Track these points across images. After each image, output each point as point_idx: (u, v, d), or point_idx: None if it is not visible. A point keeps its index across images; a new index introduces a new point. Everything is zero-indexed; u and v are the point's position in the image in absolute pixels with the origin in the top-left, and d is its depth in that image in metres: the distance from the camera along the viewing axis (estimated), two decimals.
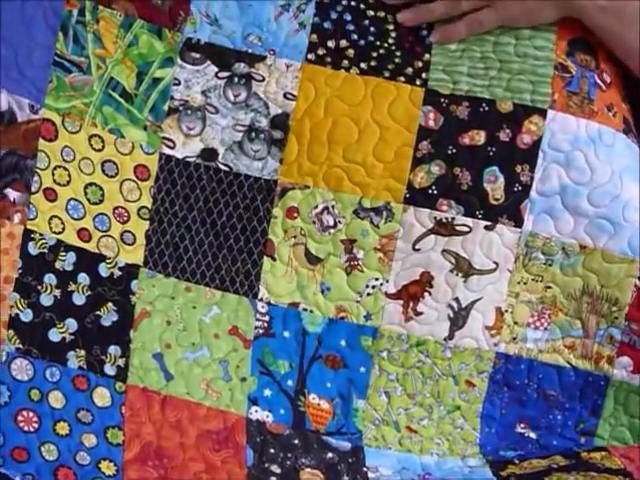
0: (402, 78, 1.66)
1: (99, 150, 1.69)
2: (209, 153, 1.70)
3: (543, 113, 1.63)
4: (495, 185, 1.65)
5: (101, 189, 1.69)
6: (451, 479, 1.68)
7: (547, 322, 1.69)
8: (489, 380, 1.70)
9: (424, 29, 1.67)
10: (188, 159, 1.69)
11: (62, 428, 1.67)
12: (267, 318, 1.70)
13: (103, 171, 1.68)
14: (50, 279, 1.68)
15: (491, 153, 1.65)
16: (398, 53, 1.67)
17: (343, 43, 1.67)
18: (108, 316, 1.68)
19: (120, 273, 1.69)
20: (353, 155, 1.66)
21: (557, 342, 1.69)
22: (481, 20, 1.66)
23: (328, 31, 1.68)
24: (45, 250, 1.69)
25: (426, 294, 1.68)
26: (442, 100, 1.66)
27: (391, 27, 1.68)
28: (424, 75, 1.67)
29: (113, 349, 1.68)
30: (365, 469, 1.68)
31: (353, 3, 1.67)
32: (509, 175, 1.65)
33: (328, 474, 1.68)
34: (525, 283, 1.68)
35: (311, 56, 1.68)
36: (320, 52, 1.68)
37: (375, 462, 1.69)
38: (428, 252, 1.68)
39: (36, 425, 1.68)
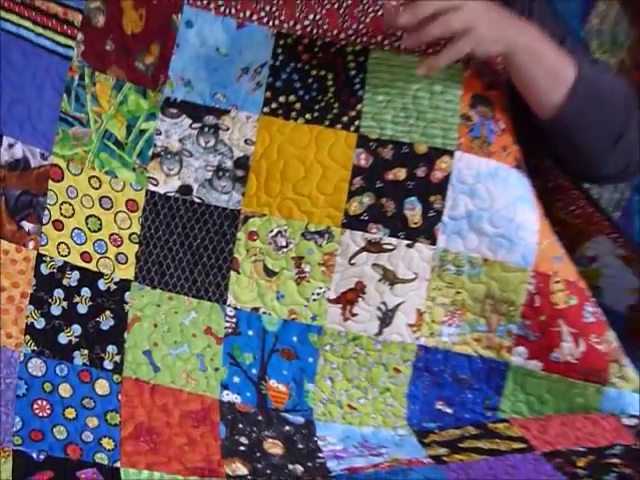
0: (339, 126, 1.70)
1: (97, 188, 1.72)
2: (185, 189, 1.73)
3: (451, 154, 1.67)
4: (414, 212, 1.68)
5: (99, 219, 1.72)
6: (385, 445, 1.70)
7: (458, 320, 1.72)
8: (412, 367, 1.73)
9: (357, 84, 1.70)
10: (169, 194, 1.73)
11: (70, 413, 1.69)
12: (234, 320, 1.73)
13: (100, 205, 1.72)
14: (59, 293, 1.71)
15: (410, 186, 1.68)
16: (336, 105, 1.71)
17: (292, 98, 1.71)
18: (106, 322, 1.71)
19: (115, 287, 1.72)
20: (301, 189, 1.70)
21: (466, 336, 1.72)
22: (459, 47, 1.62)
23: (279, 89, 1.72)
24: (54, 270, 1.71)
25: (360, 299, 1.71)
26: (371, 143, 1.70)
27: (330, 84, 1.71)
28: (357, 123, 1.70)
29: (111, 348, 1.71)
30: (315, 438, 1.71)
31: (299, 65, 1.72)
32: (425, 204, 1.68)
33: (286, 443, 1.70)
34: (440, 289, 1.71)
35: (266, 109, 1.72)
36: (273, 106, 1.72)
37: (323, 433, 1.73)
38: (361, 266, 1.71)
39: (49, 411, 1.69)
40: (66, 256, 1.71)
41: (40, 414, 1.69)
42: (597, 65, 1.89)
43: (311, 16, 1.72)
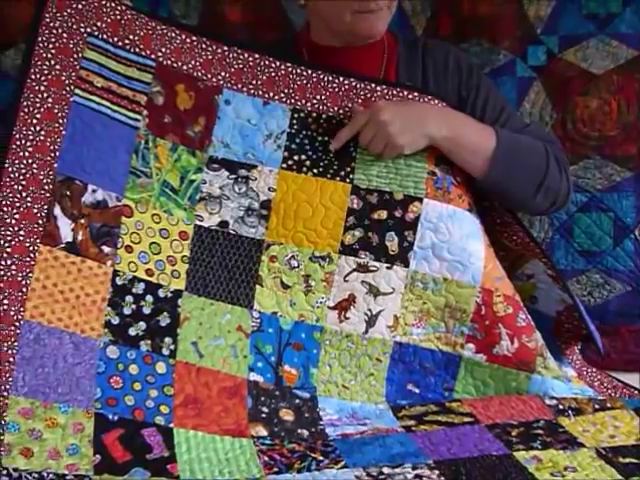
0: (338, 178, 1.81)
1: (158, 222, 1.78)
2: (224, 224, 1.80)
3: (421, 200, 1.77)
4: (392, 243, 1.79)
5: (159, 245, 1.78)
6: (368, 417, 1.77)
7: (424, 323, 1.82)
8: (390, 358, 1.81)
9: (351, 147, 1.82)
10: (211, 227, 1.80)
11: (137, 386, 1.74)
12: (258, 321, 1.80)
13: (160, 235, 1.78)
14: (129, 299, 1.76)
15: (390, 224, 1.79)
16: (335, 163, 1.81)
17: (303, 157, 1.81)
18: (164, 320, 1.77)
19: (171, 295, 1.77)
20: (309, 225, 1.79)
21: (430, 335, 1.82)
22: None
23: (294, 150, 1.81)
24: (126, 282, 1.76)
25: (352, 307, 1.81)
26: (361, 192, 1.79)
27: (331, 147, 1.81)
28: (351, 176, 1.80)
29: (167, 339, 1.77)
30: (318, 410, 1.79)
31: (309, 133, 1.81)
32: (400, 237, 1.79)
33: (296, 413, 1.77)
34: (411, 300, 1.80)
35: (284, 165, 1.81)
36: (290, 163, 1.81)
37: (324, 405, 1.80)
38: (353, 282, 1.80)
39: (121, 384, 1.74)
40: (135, 272, 1.77)
41: (115, 386, 1.73)
42: (528, 127, 1.97)
43: (318, 96, 1.82)
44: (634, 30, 2.33)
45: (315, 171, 1.81)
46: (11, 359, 1.64)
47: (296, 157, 1.81)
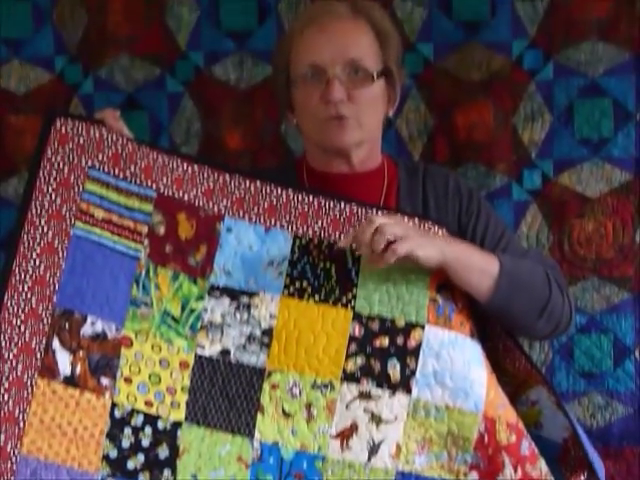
0: (339, 305, 1.78)
1: (158, 353, 1.76)
2: (225, 352, 1.78)
3: (422, 327, 1.75)
4: (395, 370, 1.75)
5: (158, 376, 1.76)
6: None
7: (427, 451, 1.77)
8: None
9: (353, 274, 1.80)
10: (212, 356, 1.78)
11: None
12: (259, 451, 1.77)
13: (160, 365, 1.77)
14: (128, 431, 1.74)
15: (392, 350, 1.76)
16: (337, 289, 1.79)
17: (305, 284, 1.78)
18: (163, 452, 1.75)
19: (170, 426, 1.76)
20: (311, 352, 1.76)
21: (433, 463, 1.77)
22: (397, 248, 1.70)
23: (296, 277, 1.79)
24: (124, 414, 1.74)
25: (354, 435, 1.77)
26: (363, 318, 1.77)
27: (333, 273, 1.80)
28: (352, 303, 1.78)
29: (166, 472, 1.74)
30: None
31: (311, 259, 1.80)
32: (403, 364, 1.75)
33: None
34: (413, 428, 1.76)
35: (286, 292, 1.79)
36: (291, 289, 1.79)
37: None
38: (355, 410, 1.76)
39: None
40: (134, 403, 1.75)
41: None
42: (527, 252, 1.97)
43: (320, 223, 1.82)
44: (627, 154, 2.37)
45: (317, 298, 1.80)
46: None
47: (298, 284, 1.81)
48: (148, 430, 1.77)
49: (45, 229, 1.76)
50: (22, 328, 1.71)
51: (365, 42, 1.86)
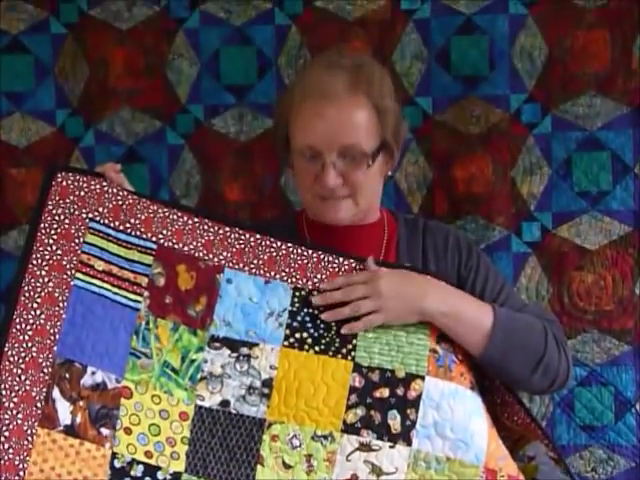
0: (339, 356, 1.78)
1: (157, 403, 1.76)
2: (225, 403, 1.77)
3: (422, 378, 1.75)
4: (395, 421, 1.75)
5: (158, 427, 1.76)
6: None
7: None
8: None
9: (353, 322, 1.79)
10: (212, 407, 1.77)
11: None
12: None
13: (160, 416, 1.76)
14: None
15: (392, 401, 1.75)
16: (337, 340, 1.79)
17: (305, 335, 1.79)
18: None
19: (170, 477, 1.75)
20: (311, 403, 1.76)
21: None
22: (372, 320, 1.77)
23: (296, 328, 1.80)
24: (124, 464, 1.74)
25: None
26: (363, 369, 1.77)
27: (332, 324, 1.81)
28: (352, 354, 1.78)
29: None
30: None
31: (310, 310, 1.81)
32: (403, 415, 1.75)
33: None
34: None
35: (286, 343, 1.79)
36: (291, 340, 1.79)
37: None
38: (355, 461, 1.75)
39: None
40: (133, 454, 1.74)
41: None
42: (526, 306, 1.98)
43: (319, 276, 1.83)
44: (625, 207, 2.39)
45: (317, 349, 1.81)
46: None
47: (298, 335, 1.81)
48: None
49: (46, 280, 1.77)
50: (22, 377, 1.72)
51: (362, 122, 1.83)
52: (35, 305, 1.76)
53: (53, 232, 1.79)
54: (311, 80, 1.86)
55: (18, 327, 1.74)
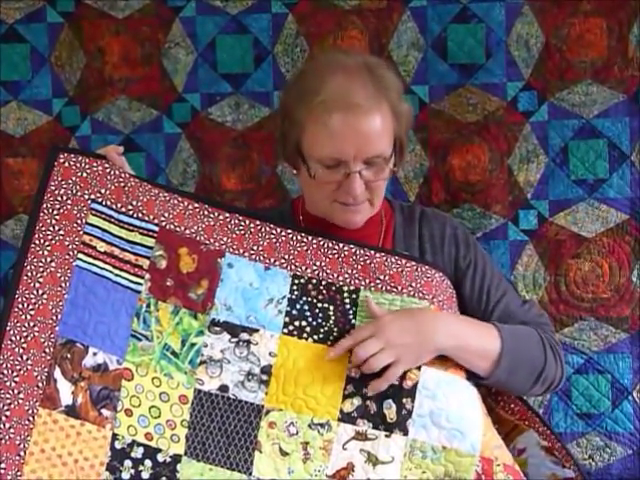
0: None
1: (158, 386, 1.79)
2: (224, 388, 1.80)
3: (418, 368, 1.80)
4: (390, 410, 1.79)
5: (158, 409, 1.78)
6: None
7: None
8: None
9: (351, 314, 1.85)
10: (211, 391, 1.80)
11: None
12: None
13: (160, 398, 1.78)
14: (127, 463, 1.76)
15: (388, 392, 1.80)
16: (335, 329, 1.83)
17: (303, 323, 1.82)
18: None
19: (170, 459, 1.77)
20: (309, 392, 1.79)
21: None
22: (394, 373, 1.79)
23: (295, 315, 1.82)
24: (125, 446, 1.77)
25: (350, 476, 1.78)
26: None
27: (331, 313, 1.84)
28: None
29: None
30: None
31: (309, 299, 1.84)
32: (399, 404, 1.79)
33: None
34: (410, 469, 1.78)
35: (285, 330, 1.82)
36: (290, 328, 1.82)
37: None
38: (351, 450, 1.78)
39: None
40: (134, 435, 1.77)
41: None
42: (524, 304, 2.01)
43: (318, 263, 1.86)
44: (622, 194, 2.42)
45: (315, 337, 1.83)
46: None
47: (297, 323, 1.84)
48: (148, 463, 1.79)
49: (48, 260, 1.81)
50: (24, 357, 1.75)
51: (386, 129, 1.83)
52: (37, 285, 1.79)
53: (55, 213, 1.83)
54: (332, 91, 1.79)
55: (20, 306, 1.77)
